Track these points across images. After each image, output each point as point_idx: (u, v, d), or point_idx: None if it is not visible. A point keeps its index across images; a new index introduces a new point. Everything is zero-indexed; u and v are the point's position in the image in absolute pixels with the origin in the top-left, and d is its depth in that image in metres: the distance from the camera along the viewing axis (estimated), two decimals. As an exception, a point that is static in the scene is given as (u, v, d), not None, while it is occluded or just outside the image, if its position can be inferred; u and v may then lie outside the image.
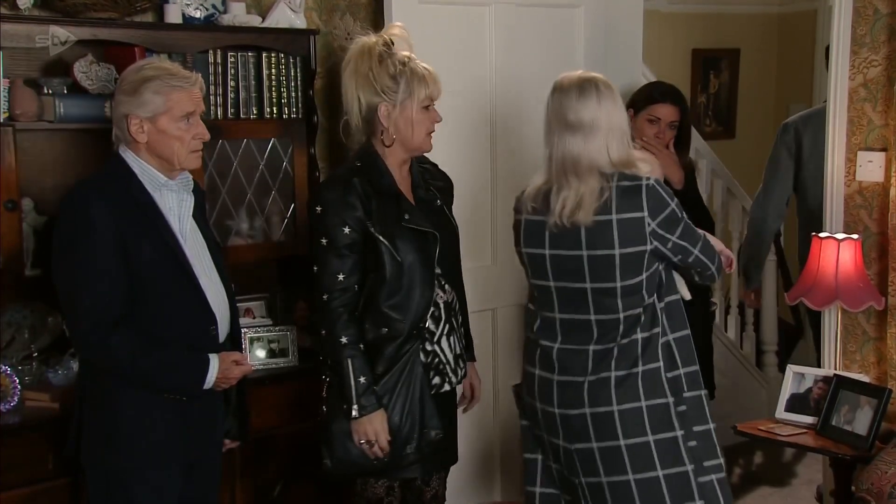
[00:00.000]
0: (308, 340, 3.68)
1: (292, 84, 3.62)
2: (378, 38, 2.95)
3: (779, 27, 7.16)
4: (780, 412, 3.49)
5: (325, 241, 2.86)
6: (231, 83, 3.49)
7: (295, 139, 3.67)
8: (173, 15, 3.42)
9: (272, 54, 3.58)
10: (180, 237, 2.69)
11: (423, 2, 3.68)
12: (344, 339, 2.84)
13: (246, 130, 3.56)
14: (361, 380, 2.84)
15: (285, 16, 3.62)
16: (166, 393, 2.67)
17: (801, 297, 3.50)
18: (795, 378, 3.50)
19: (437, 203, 3.06)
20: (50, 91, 3.16)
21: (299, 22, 3.66)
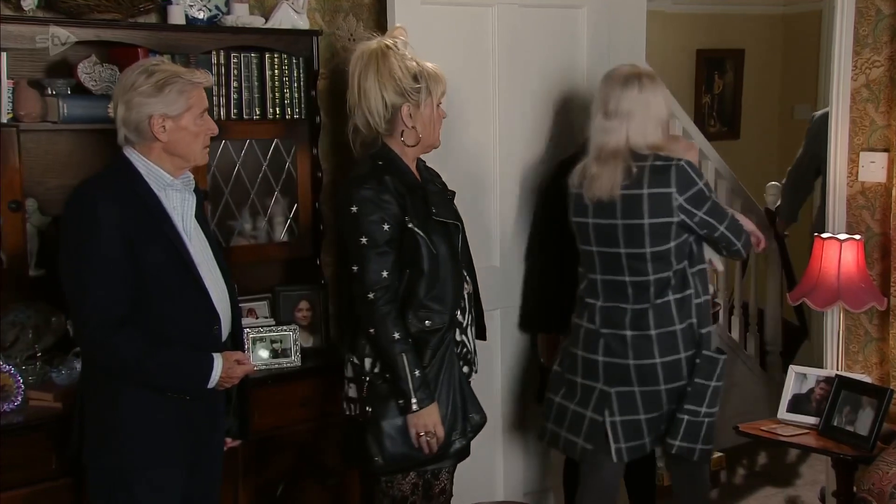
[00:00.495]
0: (311, 340, 3.69)
1: (295, 85, 3.63)
2: (390, 39, 3.00)
3: (783, 28, 7.15)
4: (783, 412, 3.49)
5: (364, 239, 2.89)
6: (234, 84, 3.50)
7: (298, 140, 3.68)
8: (176, 16, 3.42)
9: (275, 55, 3.59)
10: (185, 237, 2.70)
11: (425, 2, 3.68)
12: (396, 335, 2.88)
13: (249, 131, 3.57)
14: (416, 373, 2.89)
15: (288, 17, 3.63)
16: (170, 392, 2.67)
17: (804, 297, 3.51)
18: (797, 378, 3.50)
19: (448, 196, 3.13)
20: (54, 92, 3.17)
21: (302, 23, 3.67)
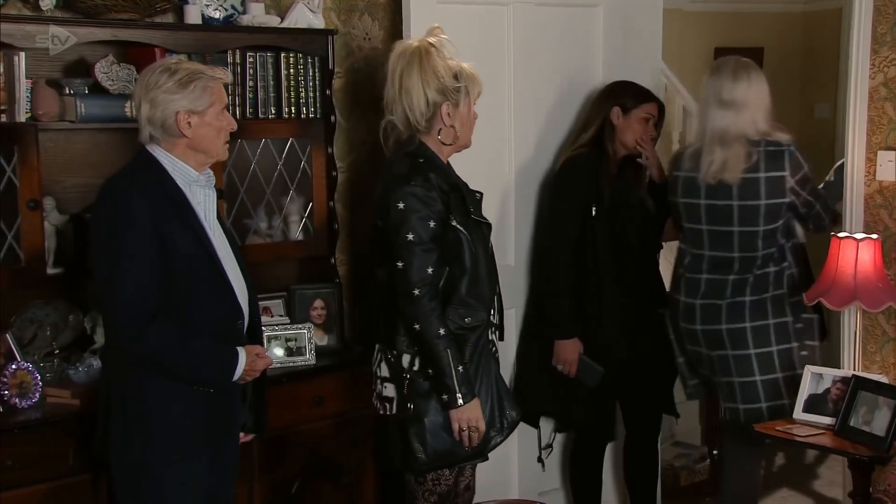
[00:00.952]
0: (326, 339, 3.71)
1: (310, 84, 3.65)
2: (433, 38, 3.02)
3: (803, 26, 7.09)
4: (798, 412, 3.46)
5: (411, 236, 2.89)
6: (250, 83, 3.52)
7: (313, 139, 3.69)
8: (193, 16, 3.44)
9: (290, 54, 3.60)
10: (209, 232, 2.72)
11: (441, 1, 3.68)
12: (441, 331, 2.89)
13: (264, 130, 3.59)
14: (460, 369, 2.91)
15: (304, 16, 3.64)
16: (196, 384, 2.69)
17: (820, 296, 3.48)
18: (814, 378, 3.48)
19: (477, 197, 3.14)
20: (71, 91, 3.19)
21: (318, 22, 3.68)
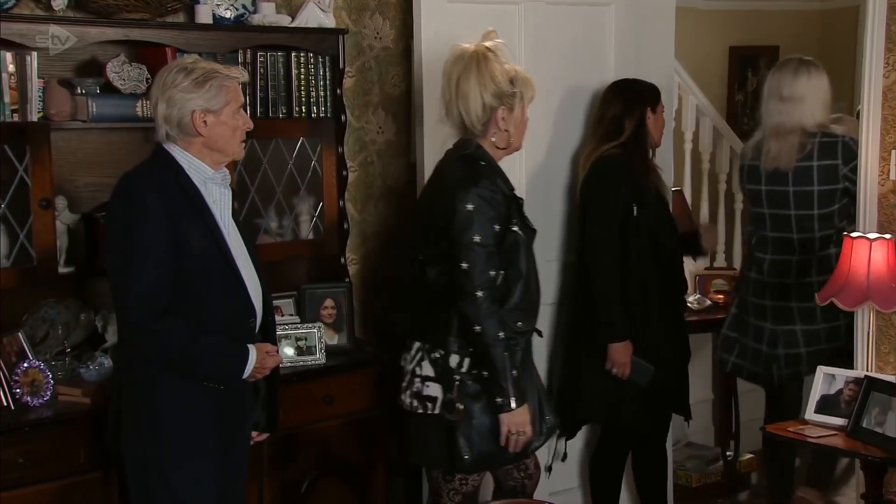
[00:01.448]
0: (336, 338, 3.70)
1: (321, 83, 3.65)
2: (490, 42, 3.04)
3: (820, 24, 7.04)
4: (810, 413, 3.44)
5: (477, 238, 2.92)
6: (260, 83, 3.52)
7: (324, 138, 3.69)
8: (204, 15, 3.45)
9: (301, 54, 3.60)
10: (224, 230, 2.73)
11: (452, 0, 3.68)
12: (501, 334, 2.92)
13: (275, 130, 3.59)
14: (514, 373, 2.95)
15: (315, 15, 3.64)
16: (207, 381, 2.70)
17: (832, 297, 3.46)
18: (826, 379, 3.45)
19: (520, 202, 3.16)
20: (83, 91, 3.21)
21: (328, 21, 3.68)
